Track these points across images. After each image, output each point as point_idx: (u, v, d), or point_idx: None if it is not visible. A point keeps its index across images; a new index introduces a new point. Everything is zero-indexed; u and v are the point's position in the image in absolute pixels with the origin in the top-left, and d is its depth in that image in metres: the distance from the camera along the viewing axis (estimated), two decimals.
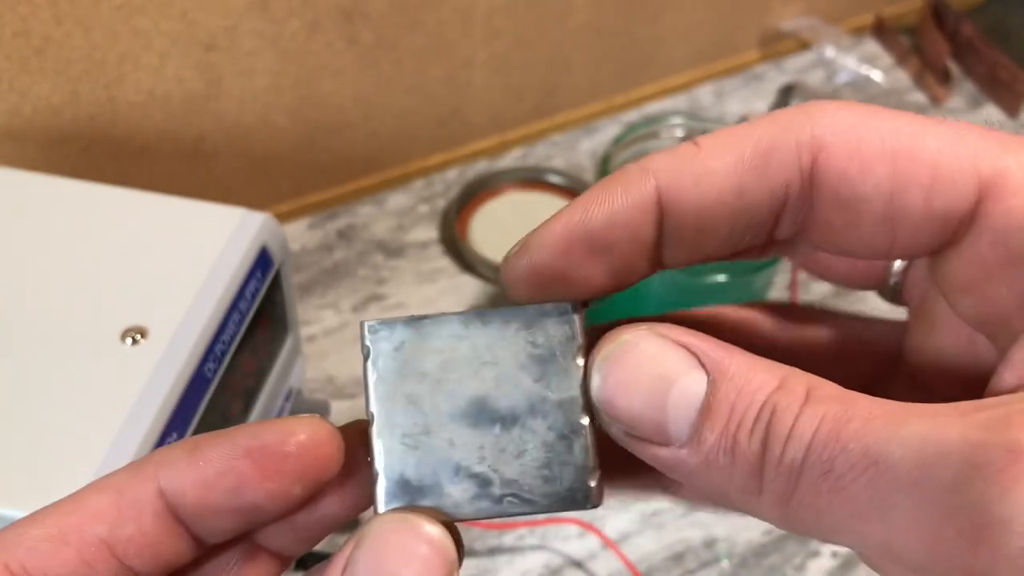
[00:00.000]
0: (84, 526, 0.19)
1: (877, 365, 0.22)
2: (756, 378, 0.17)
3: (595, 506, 0.19)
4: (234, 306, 0.44)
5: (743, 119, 0.58)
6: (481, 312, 0.20)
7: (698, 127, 0.60)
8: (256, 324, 0.47)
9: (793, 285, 0.64)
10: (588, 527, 0.57)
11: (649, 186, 0.18)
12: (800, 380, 0.17)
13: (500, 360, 0.19)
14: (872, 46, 0.94)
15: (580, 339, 0.19)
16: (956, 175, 0.17)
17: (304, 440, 0.19)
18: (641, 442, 0.18)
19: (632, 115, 0.86)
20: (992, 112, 0.88)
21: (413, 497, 0.19)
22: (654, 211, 0.18)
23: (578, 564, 0.57)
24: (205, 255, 0.45)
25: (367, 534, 0.18)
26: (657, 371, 0.18)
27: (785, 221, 0.19)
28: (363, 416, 0.21)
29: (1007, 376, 0.17)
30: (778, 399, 0.17)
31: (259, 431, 0.19)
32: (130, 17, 0.60)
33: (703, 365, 0.18)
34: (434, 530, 0.18)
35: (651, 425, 0.18)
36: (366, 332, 0.20)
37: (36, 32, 0.58)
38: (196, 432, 0.42)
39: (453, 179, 0.80)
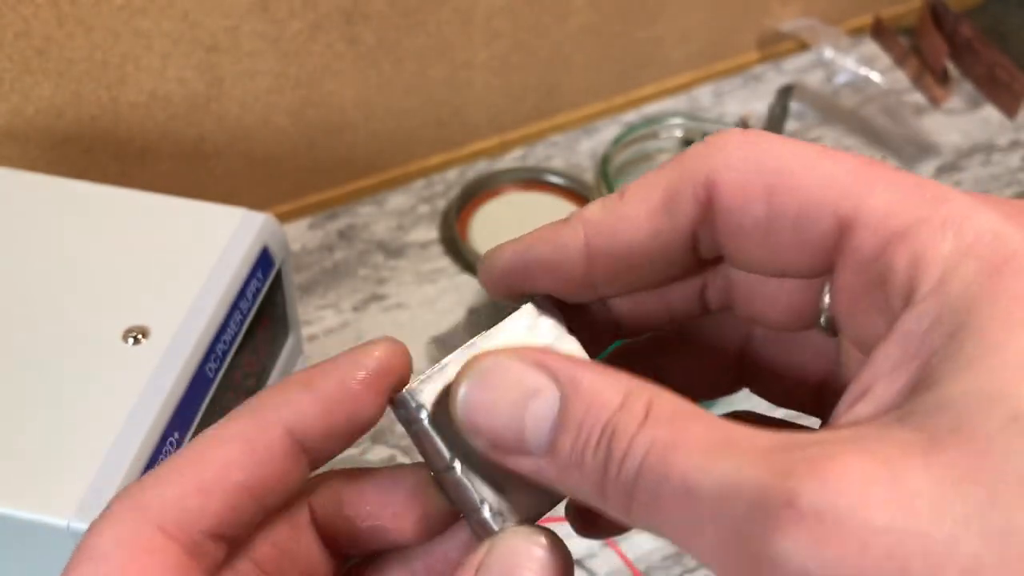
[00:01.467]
0: (223, 476, 0.20)
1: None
2: (602, 395, 0.19)
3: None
4: (235, 306, 0.45)
5: (742, 119, 0.59)
6: (484, 334, 0.22)
7: (697, 127, 0.60)
8: (257, 324, 0.47)
9: None
10: None
11: (578, 236, 0.21)
12: (641, 397, 0.18)
13: None
14: (871, 47, 0.94)
15: (563, 322, 0.22)
16: (819, 210, 0.19)
17: (388, 355, 0.22)
18: (506, 454, 0.20)
19: (631, 116, 0.86)
20: (991, 112, 0.88)
21: (505, 517, 0.21)
22: (581, 257, 0.21)
23: (578, 562, 0.58)
24: (206, 255, 0.45)
25: (495, 545, 0.20)
26: (516, 388, 0.20)
27: (702, 247, 0.21)
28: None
29: (845, 401, 0.18)
30: (618, 419, 0.18)
31: (359, 357, 0.21)
32: (131, 18, 0.61)
33: (558, 381, 0.19)
34: (544, 538, 0.21)
35: (512, 438, 0.19)
36: (409, 399, 0.22)
37: (38, 33, 0.58)
38: (198, 431, 0.42)
39: (453, 179, 0.80)
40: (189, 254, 0.45)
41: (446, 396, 0.21)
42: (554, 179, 0.79)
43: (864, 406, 0.18)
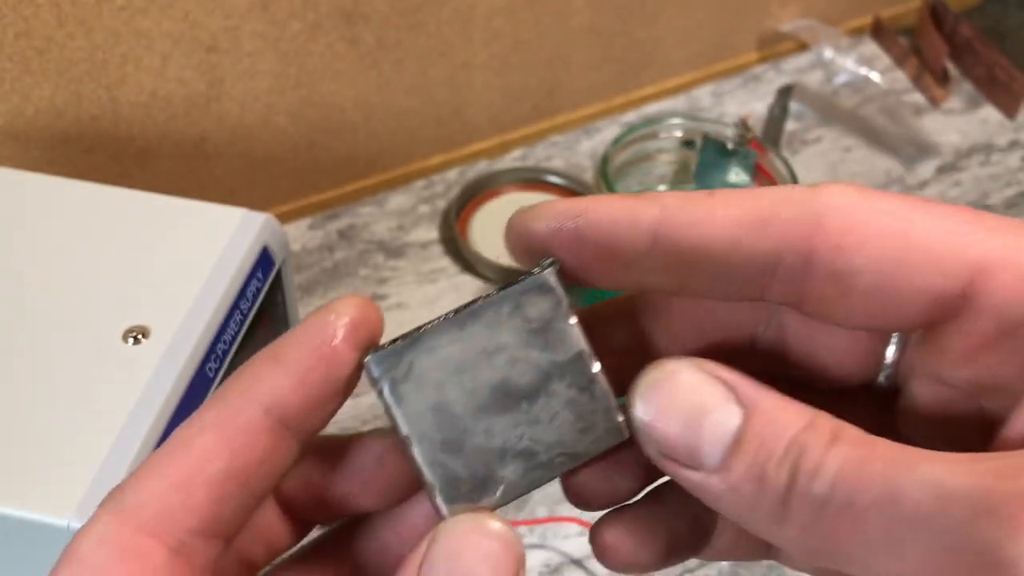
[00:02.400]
0: (201, 468, 0.19)
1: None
2: (786, 416, 0.19)
3: (627, 437, 0.21)
4: (235, 306, 0.45)
5: (742, 120, 0.59)
6: (471, 309, 0.21)
7: (697, 128, 0.60)
8: (257, 324, 0.47)
9: None
10: (588, 526, 0.58)
11: (652, 213, 0.20)
12: (827, 421, 0.18)
13: (504, 345, 0.21)
14: (870, 47, 0.94)
15: (565, 301, 0.21)
16: (946, 257, 0.18)
17: (358, 312, 0.20)
18: (674, 464, 0.19)
19: (631, 116, 0.86)
20: (990, 112, 0.88)
21: (472, 494, 0.20)
22: (647, 237, 0.20)
23: (578, 563, 0.58)
24: (206, 255, 0.45)
25: (439, 536, 0.19)
26: (695, 400, 0.19)
27: (777, 286, 0.20)
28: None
29: (1011, 434, 0.18)
30: (806, 437, 0.18)
31: (327, 318, 0.20)
32: (132, 18, 0.61)
33: (739, 399, 0.19)
34: (500, 526, 0.20)
35: (685, 450, 0.19)
36: (372, 366, 0.20)
37: (38, 33, 0.58)
38: None
39: (453, 179, 0.80)
40: (189, 254, 0.45)
41: (414, 365, 0.20)
42: (554, 179, 0.79)
43: None
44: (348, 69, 0.71)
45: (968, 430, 0.20)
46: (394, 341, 0.21)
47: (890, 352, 0.22)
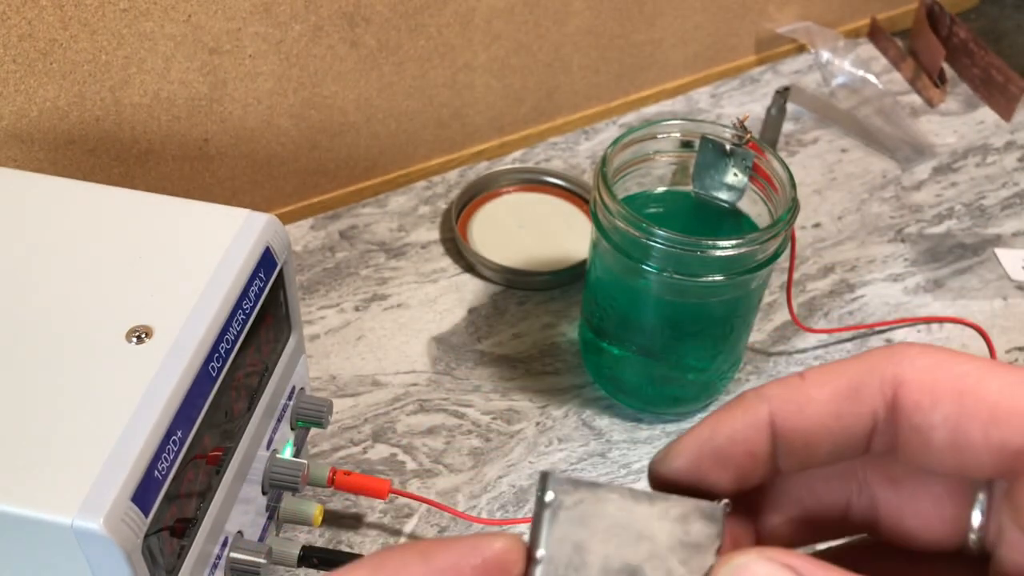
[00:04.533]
0: None
1: None
2: None
3: None
4: (238, 305, 0.45)
5: (740, 121, 0.59)
6: (650, 493, 0.22)
7: (695, 129, 0.60)
8: (260, 323, 0.48)
9: (788, 285, 0.65)
10: None
11: (764, 410, 0.23)
12: None
13: (656, 537, 0.22)
14: (867, 49, 0.95)
15: (720, 539, 0.22)
16: (1013, 413, 0.20)
17: (504, 551, 0.22)
18: None
19: (630, 117, 0.87)
20: (986, 114, 0.88)
21: None
22: (767, 431, 0.23)
23: None
24: (209, 255, 0.46)
25: None
26: None
27: (876, 440, 0.22)
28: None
29: None
30: None
31: (479, 544, 0.22)
32: (135, 20, 0.61)
33: None
34: None
35: None
36: (551, 481, 0.22)
37: (42, 35, 0.59)
38: (200, 428, 0.42)
39: (454, 180, 0.80)
40: (192, 254, 0.46)
41: (582, 504, 0.22)
42: (553, 180, 0.79)
43: None
44: (350, 71, 0.72)
45: None
46: (574, 478, 0.22)
47: (976, 516, 0.23)
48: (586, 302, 0.65)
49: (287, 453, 0.54)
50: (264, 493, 0.52)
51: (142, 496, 0.38)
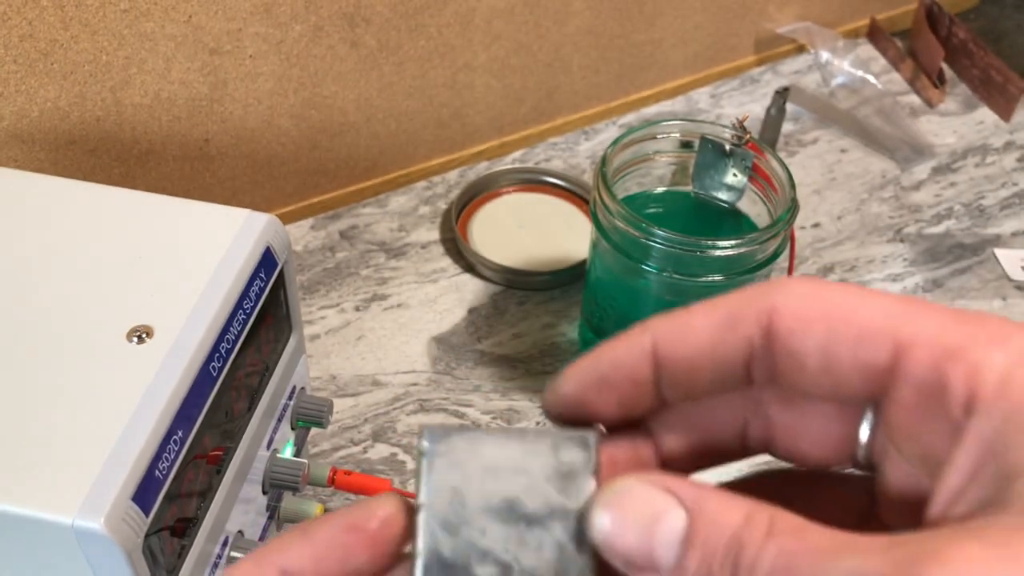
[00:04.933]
0: None
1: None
2: (726, 514, 0.20)
3: None
4: (239, 305, 0.45)
5: (739, 121, 0.59)
6: (524, 430, 0.24)
7: (695, 129, 0.60)
8: (260, 323, 0.48)
9: None
10: None
11: (647, 339, 0.24)
12: (763, 514, 0.20)
13: (531, 470, 0.23)
14: (867, 49, 0.95)
15: (594, 464, 0.23)
16: (876, 335, 0.21)
17: (384, 516, 0.23)
18: (637, 570, 0.21)
19: (630, 118, 0.87)
20: (986, 114, 0.88)
21: (447, 573, 0.22)
22: (650, 359, 0.23)
23: None
24: (210, 255, 0.46)
25: None
26: (646, 510, 0.21)
27: (756, 369, 0.23)
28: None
29: (934, 508, 0.20)
30: (744, 534, 0.20)
31: (353, 511, 0.23)
32: (136, 21, 0.61)
33: (684, 504, 0.21)
34: None
35: (643, 557, 0.21)
36: (426, 435, 0.23)
37: (43, 35, 0.59)
38: (201, 428, 0.42)
39: (454, 181, 0.80)
40: (192, 254, 0.46)
41: (456, 450, 0.23)
42: (553, 180, 0.79)
43: (958, 506, 0.20)
44: (350, 71, 0.72)
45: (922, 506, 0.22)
46: (449, 426, 0.23)
47: (864, 433, 0.23)
48: (586, 302, 0.65)
49: (287, 453, 0.54)
50: (264, 493, 0.52)
51: (143, 496, 0.38)
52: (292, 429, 0.55)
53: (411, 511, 0.23)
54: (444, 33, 0.74)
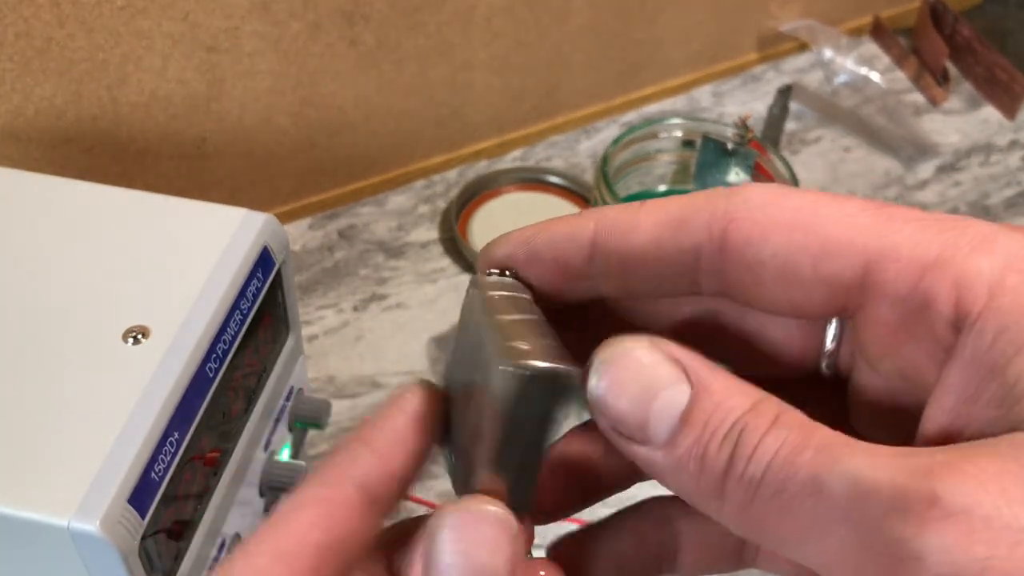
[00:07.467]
0: (304, 540, 0.21)
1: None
2: (733, 398, 0.19)
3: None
4: (236, 306, 0.45)
5: (742, 120, 0.59)
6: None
7: (697, 128, 0.60)
8: (257, 323, 0.47)
9: None
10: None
11: (589, 227, 0.22)
12: (771, 405, 0.19)
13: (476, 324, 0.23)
14: (870, 47, 0.95)
15: (527, 293, 0.23)
16: (843, 247, 0.19)
17: (424, 397, 0.23)
18: (623, 438, 0.20)
19: (631, 116, 0.86)
20: (990, 112, 0.88)
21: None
22: (587, 246, 0.22)
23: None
24: (207, 255, 0.45)
25: (441, 524, 0.21)
26: (647, 377, 0.20)
27: (704, 277, 0.22)
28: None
29: (929, 427, 0.19)
30: (749, 419, 0.19)
31: (400, 404, 0.23)
32: (132, 18, 0.61)
33: (689, 379, 0.20)
34: (496, 509, 0.21)
35: (634, 425, 0.20)
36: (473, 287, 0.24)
37: (38, 33, 0.58)
38: (198, 430, 0.42)
39: (453, 179, 0.80)
40: (190, 254, 0.46)
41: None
42: (554, 179, 0.79)
43: (963, 426, 0.18)
44: (348, 69, 0.71)
45: (909, 421, 0.20)
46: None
47: (829, 341, 0.22)
48: None
49: (285, 454, 0.54)
50: (262, 495, 0.52)
51: (139, 498, 0.38)
52: (290, 430, 0.55)
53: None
54: (443, 31, 0.73)
